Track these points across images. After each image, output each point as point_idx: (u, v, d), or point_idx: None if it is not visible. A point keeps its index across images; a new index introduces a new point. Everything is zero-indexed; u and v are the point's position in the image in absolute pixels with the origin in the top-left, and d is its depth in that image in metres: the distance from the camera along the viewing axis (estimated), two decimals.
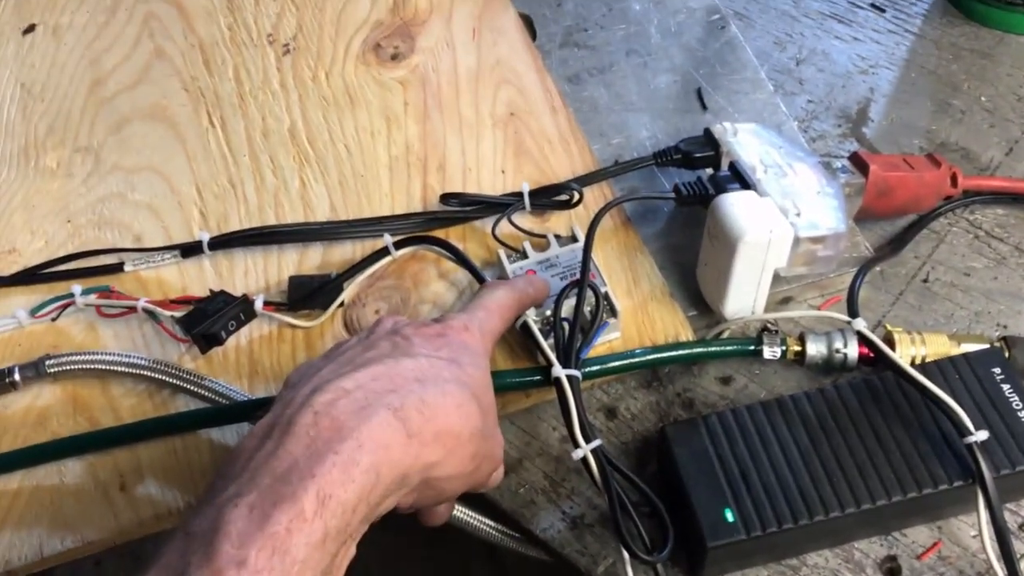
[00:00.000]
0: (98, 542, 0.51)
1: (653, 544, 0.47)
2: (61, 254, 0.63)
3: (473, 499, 0.54)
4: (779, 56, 0.73)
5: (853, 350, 0.53)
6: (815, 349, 0.54)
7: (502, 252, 0.58)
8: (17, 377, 0.55)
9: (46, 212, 0.66)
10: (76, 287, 0.59)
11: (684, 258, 0.60)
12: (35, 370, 0.56)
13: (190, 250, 0.61)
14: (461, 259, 0.56)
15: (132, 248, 0.62)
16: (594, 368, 0.52)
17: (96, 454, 0.54)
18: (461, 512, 0.53)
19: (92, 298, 0.59)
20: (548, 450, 0.56)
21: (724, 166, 0.60)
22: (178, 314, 0.57)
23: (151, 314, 0.57)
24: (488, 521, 0.54)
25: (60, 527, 0.52)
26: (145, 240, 0.63)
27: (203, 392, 0.54)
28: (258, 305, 0.57)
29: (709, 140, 0.61)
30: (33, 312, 0.59)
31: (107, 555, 0.53)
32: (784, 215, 0.53)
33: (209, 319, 0.54)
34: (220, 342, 0.55)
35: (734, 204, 0.53)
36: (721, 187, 0.56)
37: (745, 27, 0.75)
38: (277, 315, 0.58)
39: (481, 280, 0.55)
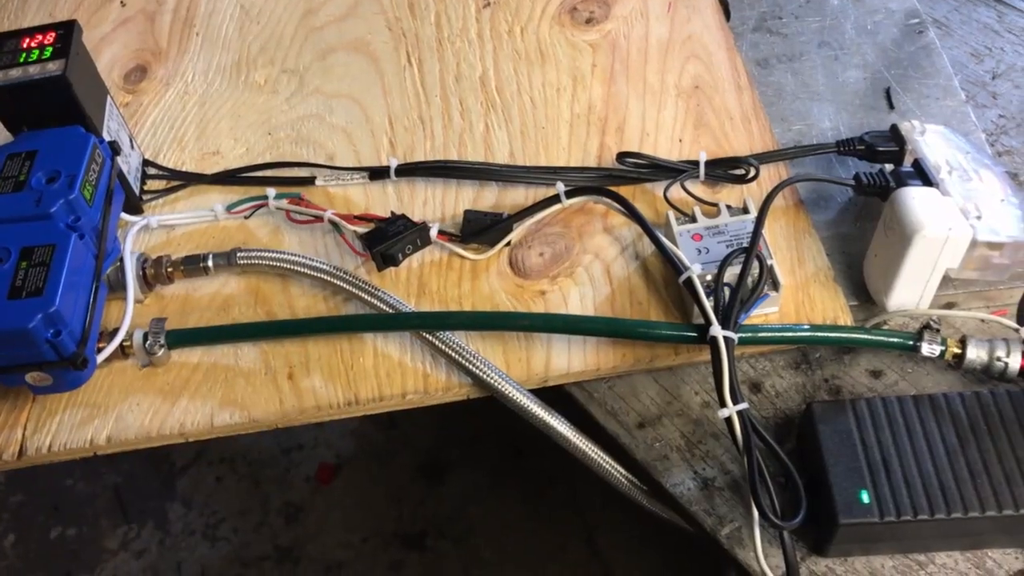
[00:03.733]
0: (262, 421, 0.56)
1: (784, 513, 0.48)
2: (259, 162, 0.68)
3: (609, 446, 0.56)
4: (975, 68, 0.72)
5: (1016, 360, 0.52)
6: (975, 354, 0.53)
7: (671, 214, 0.59)
8: (210, 264, 0.60)
9: (250, 123, 0.71)
10: (271, 191, 0.64)
11: (851, 248, 0.60)
12: (227, 260, 0.60)
13: (378, 174, 0.65)
14: (632, 212, 0.58)
15: (324, 165, 0.66)
16: (750, 334, 0.53)
17: (270, 343, 0.59)
18: (595, 453, 0.55)
19: (284, 203, 0.63)
20: (687, 412, 0.57)
21: (907, 163, 0.59)
22: (361, 230, 0.61)
23: (335, 226, 0.61)
24: (619, 467, 0.56)
25: (230, 403, 0.56)
26: (337, 160, 0.67)
27: (375, 302, 0.58)
28: (433, 233, 0.60)
29: (895, 136, 0.61)
30: (229, 208, 0.64)
31: None
32: (964, 216, 0.53)
33: (389, 240, 0.58)
34: (396, 263, 0.58)
35: (915, 198, 0.53)
36: (903, 182, 0.56)
37: (943, 35, 0.74)
38: (449, 244, 0.61)
39: (651, 234, 0.57)
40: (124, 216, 0.62)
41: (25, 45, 0.58)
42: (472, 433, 1.35)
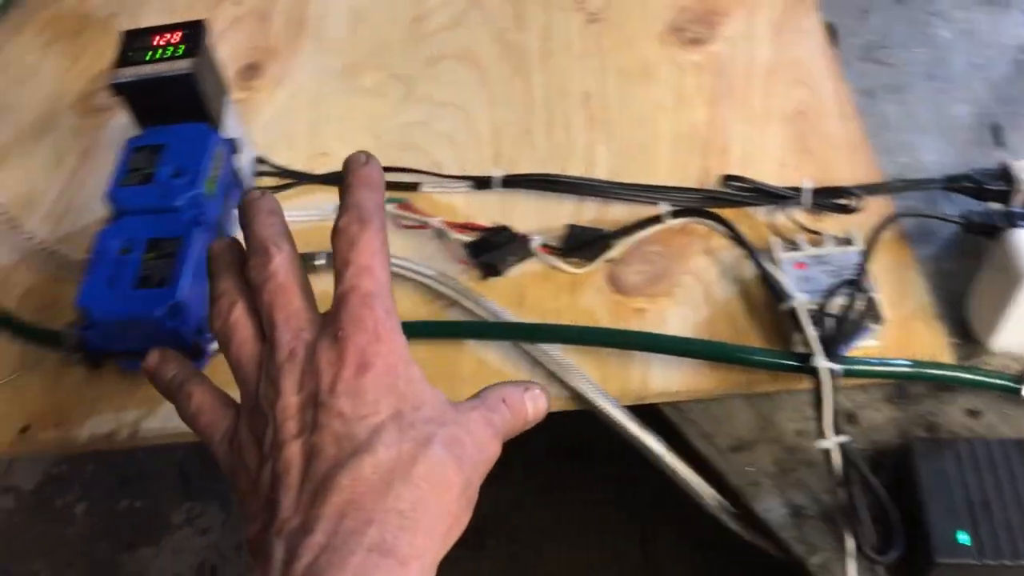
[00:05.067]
0: None
1: (879, 548, 0.48)
2: None
3: (701, 467, 0.57)
4: None
5: None
6: None
7: (775, 240, 0.59)
8: (323, 262, 0.62)
9: (358, 126, 0.73)
10: None
11: (952, 285, 0.60)
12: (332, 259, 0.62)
13: (482, 183, 0.67)
14: (739, 237, 0.59)
15: (430, 172, 0.68)
16: (853, 367, 0.53)
17: None
18: (687, 474, 0.56)
19: (392, 207, 0.65)
20: (781, 439, 0.57)
21: (1017, 203, 0.59)
22: (465, 238, 0.62)
23: (441, 233, 0.63)
24: (710, 489, 0.56)
25: None
26: (442, 167, 0.69)
27: (477, 309, 0.59)
28: (535, 245, 0.61)
29: (1004, 175, 0.60)
30: None
31: None
32: None
33: (494, 250, 0.59)
34: (499, 273, 0.60)
35: None
36: (1015, 222, 0.55)
37: None
38: (549, 257, 0.62)
39: (756, 260, 0.57)
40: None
41: (155, 43, 0.61)
42: (528, 433, 1.36)
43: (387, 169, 0.67)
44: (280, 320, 0.40)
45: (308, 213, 0.67)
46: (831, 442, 0.50)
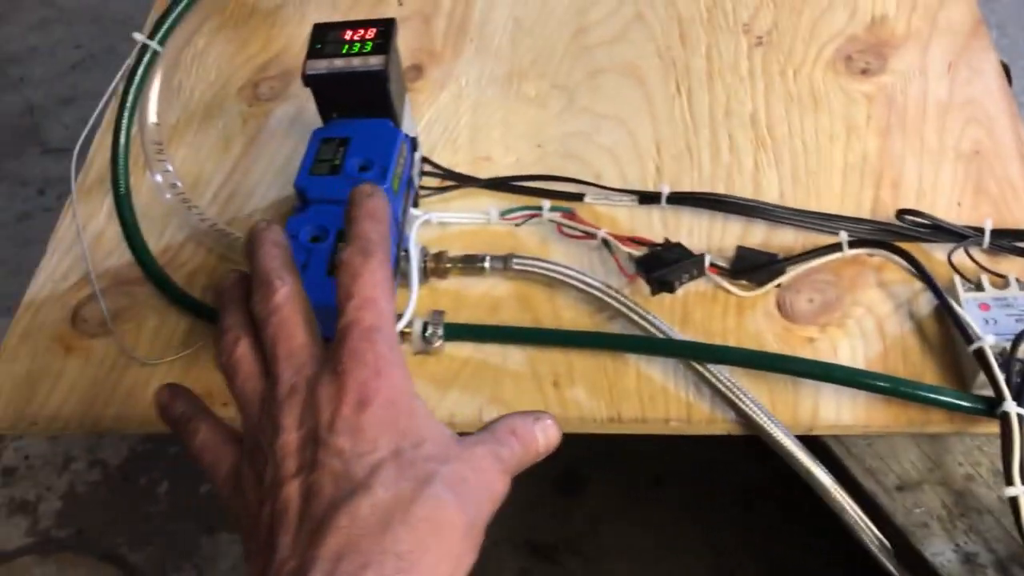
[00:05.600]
0: None
1: None
2: (530, 172, 0.70)
3: (864, 504, 0.55)
4: None
5: None
6: None
7: (958, 279, 0.58)
8: (487, 265, 0.63)
9: (520, 133, 0.73)
10: (545, 203, 0.66)
11: None
12: (503, 263, 0.63)
13: (647, 198, 0.66)
14: (921, 272, 0.58)
15: (594, 183, 0.68)
16: None
17: (536, 348, 0.60)
18: (852, 510, 0.54)
19: (557, 216, 0.65)
20: (950, 481, 0.56)
21: None
22: (633, 252, 0.62)
23: (607, 245, 0.63)
24: (874, 528, 0.55)
25: (498, 401, 0.58)
26: (603, 179, 0.69)
27: (644, 324, 0.59)
28: (706, 264, 0.61)
29: None
30: (503, 214, 0.66)
31: None
32: None
33: (667, 267, 0.59)
34: (672, 290, 0.59)
35: None
36: None
37: None
38: (717, 277, 0.61)
39: (942, 298, 0.56)
40: (410, 210, 0.65)
41: (348, 37, 0.62)
42: (612, 452, 1.35)
43: (550, 178, 0.68)
44: (282, 355, 0.40)
45: (472, 216, 0.67)
46: (1019, 490, 0.48)
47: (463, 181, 0.70)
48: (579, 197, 0.68)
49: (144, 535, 1.49)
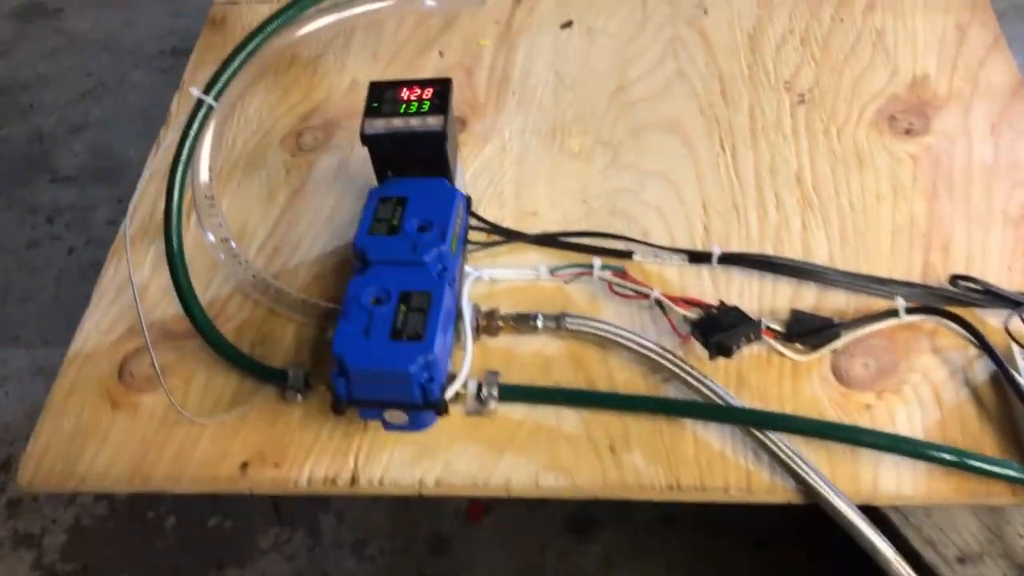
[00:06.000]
0: (586, 490, 0.57)
1: None
2: (576, 228, 0.70)
3: (923, 574, 0.55)
4: None
5: None
6: None
7: (1016, 347, 0.58)
8: (540, 323, 0.63)
9: (565, 189, 0.73)
10: (596, 261, 0.66)
11: None
12: (555, 322, 0.63)
13: (698, 258, 0.66)
14: (981, 340, 0.58)
15: (644, 241, 0.68)
16: None
17: (590, 411, 0.60)
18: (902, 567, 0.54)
19: (608, 274, 0.65)
20: (1012, 553, 0.56)
21: None
22: (688, 313, 0.62)
23: (660, 305, 0.63)
24: None
25: (554, 466, 0.58)
26: (651, 237, 0.69)
27: (699, 387, 0.59)
28: (760, 328, 0.61)
29: None
30: (553, 271, 0.66)
31: None
32: None
33: (725, 331, 0.59)
34: (730, 355, 0.59)
35: None
36: None
37: None
38: (772, 341, 0.61)
39: (1004, 369, 0.56)
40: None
41: (405, 96, 0.62)
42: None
43: (598, 234, 0.68)
44: None
45: (521, 272, 0.67)
46: None
47: (511, 236, 0.70)
48: (628, 255, 0.68)
49: (151, 570, 1.47)
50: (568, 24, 0.86)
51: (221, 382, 0.63)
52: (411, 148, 0.61)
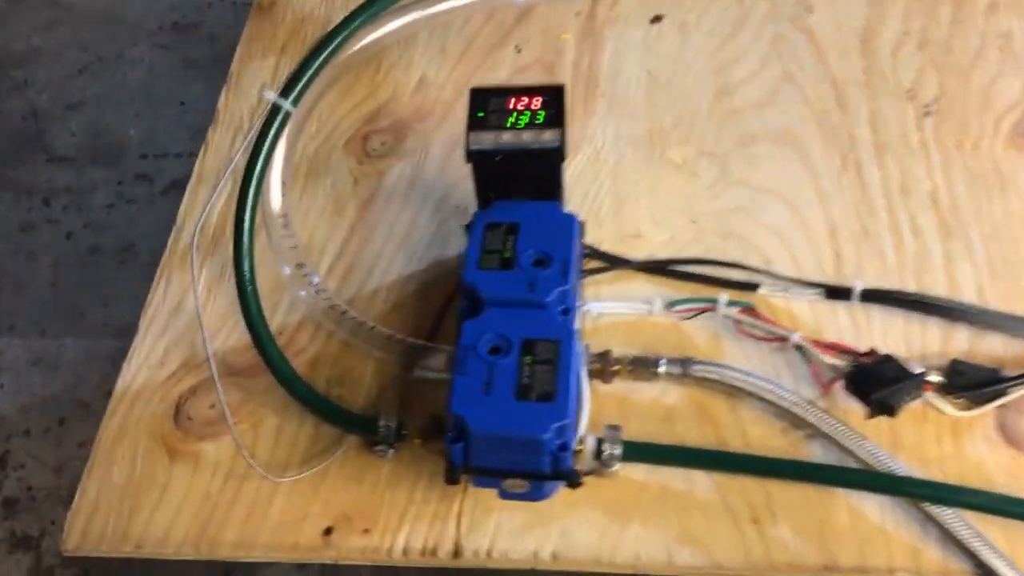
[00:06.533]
0: (728, 568, 0.50)
1: None
2: (686, 254, 0.62)
3: None
4: None
5: None
6: None
7: None
8: (662, 370, 0.55)
9: (670, 206, 0.65)
10: (723, 296, 0.58)
11: None
12: (681, 368, 0.55)
13: (836, 293, 0.59)
14: None
15: (765, 271, 0.60)
16: None
17: (724, 474, 0.52)
18: None
19: (734, 312, 0.57)
20: None
21: None
22: (835, 361, 0.54)
23: (800, 350, 0.55)
24: None
25: (688, 539, 0.50)
26: (775, 265, 0.61)
27: (852, 448, 0.51)
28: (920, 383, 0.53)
29: None
30: (670, 305, 0.58)
31: None
32: None
33: (888, 386, 0.51)
34: (893, 414, 0.51)
35: None
36: None
37: None
38: (929, 394, 0.54)
39: None
40: None
41: (512, 106, 0.54)
42: None
43: (715, 263, 0.60)
44: None
45: (631, 305, 0.59)
46: None
47: (615, 263, 0.62)
48: (751, 287, 0.60)
49: None
50: (658, 19, 0.78)
51: (294, 429, 0.55)
52: (523, 167, 0.53)
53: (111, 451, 0.55)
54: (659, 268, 0.62)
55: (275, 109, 0.54)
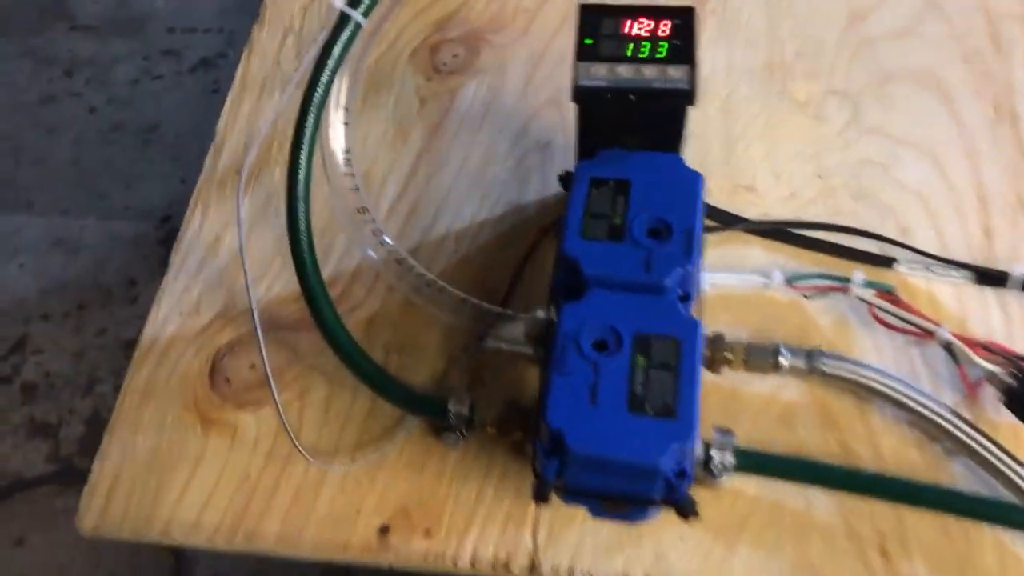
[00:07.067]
0: None
1: None
2: (809, 215, 0.53)
3: None
4: None
5: None
6: None
7: None
8: (785, 362, 0.46)
9: (792, 154, 0.56)
10: (858, 275, 0.49)
11: None
12: (806, 361, 0.46)
13: (987, 277, 0.49)
14: None
15: (906, 245, 0.51)
16: None
17: (850, 494, 0.44)
18: None
19: (870, 294, 0.48)
20: None
21: None
22: (989, 366, 0.45)
23: (949, 349, 0.46)
24: None
25: (805, 567, 0.43)
26: (912, 237, 0.52)
27: (1007, 471, 0.43)
28: None
29: None
30: (792, 280, 0.50)
31: None
32: None
33: None
34: None
35: None
36: None
37: None
38: None
39: None
40: None
41: (631, 31, 0.44)
42: None
43: (845, 229, 0.51)
44: None
45: (746, 277, 0.50)
46: None
47: (723, 221, 0.52)
48: (886, 261, 0.51)
49: None
50: None
51: (347, 402, 0.48)
52: (643, 110, 0.43)
53: (136, 415, 0.48)
54: (777, 231, 0.52)
55: (343, 19, 0.44)
